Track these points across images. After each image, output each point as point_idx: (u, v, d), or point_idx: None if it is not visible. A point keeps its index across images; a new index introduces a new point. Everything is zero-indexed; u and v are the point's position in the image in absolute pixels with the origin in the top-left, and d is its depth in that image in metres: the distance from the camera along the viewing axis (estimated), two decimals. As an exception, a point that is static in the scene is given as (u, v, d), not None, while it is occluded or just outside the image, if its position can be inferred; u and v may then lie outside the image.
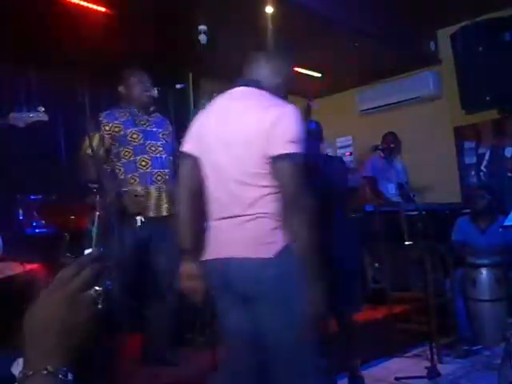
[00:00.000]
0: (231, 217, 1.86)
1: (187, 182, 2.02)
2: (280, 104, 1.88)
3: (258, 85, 1.96)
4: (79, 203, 3.74)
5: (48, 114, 2.94)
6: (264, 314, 1.80)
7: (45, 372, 0.65)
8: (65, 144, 4.70)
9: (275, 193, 1.81)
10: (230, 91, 2.01)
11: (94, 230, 0.80)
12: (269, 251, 1.78)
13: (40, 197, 3.91)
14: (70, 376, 0.67)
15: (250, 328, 1.86)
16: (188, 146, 2.03)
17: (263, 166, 1.80)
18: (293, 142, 1.77)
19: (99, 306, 0.71)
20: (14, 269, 3.08)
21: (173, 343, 3.16)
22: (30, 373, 0.65)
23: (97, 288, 0.71)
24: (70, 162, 4.62)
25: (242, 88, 1.99)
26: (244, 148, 1.82)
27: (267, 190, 1.81)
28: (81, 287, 0.71)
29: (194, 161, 1.98)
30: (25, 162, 4.28)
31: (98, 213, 0.79)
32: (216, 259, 1.90)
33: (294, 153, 1.76)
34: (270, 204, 1.82)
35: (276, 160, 1.77)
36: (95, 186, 2.71)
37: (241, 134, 1.84)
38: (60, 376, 0.65)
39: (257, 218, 1.81)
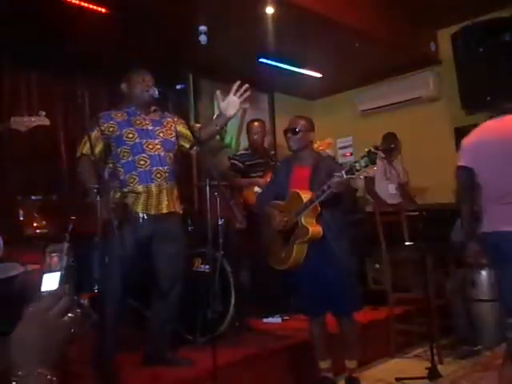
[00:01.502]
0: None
1: (467, 184, 2.94)
2: None
3: None
4: (80, 204, 3.75)
5: (48, 115, 2.95)
6: None
7: (36, 374, 0.85)
8: (65, 144, 4.69)
9: None
10: (501, 118, 2.89)
11: (63, 267, 1.01)
12: None
13: (40, 197, 3.91)
14: (54, 378, 0.86)
15: None
16: (465, 159, 2.93)
17: None
18: None
19: (72, 330, 0.92)
20: (15, 269, 3.08)
21: (174, 344, 3.16)
22: (25, 374, 0.84)
23: (70, 314, 0.92)
24: (70, 163, 4.63)
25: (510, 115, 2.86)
26: None
27: None
28: (59, 314, 0.91)
29: (470, 170, 2.88)
30: (25, 163, 4.28)
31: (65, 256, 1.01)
32: (504, 232, 2.72)
33: None
34: None
35: None
36: (96, 186, 2.71)
37: None
38: (48, 377, 0.85)
39: None
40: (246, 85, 2.98)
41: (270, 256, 3.22)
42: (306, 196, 2.97)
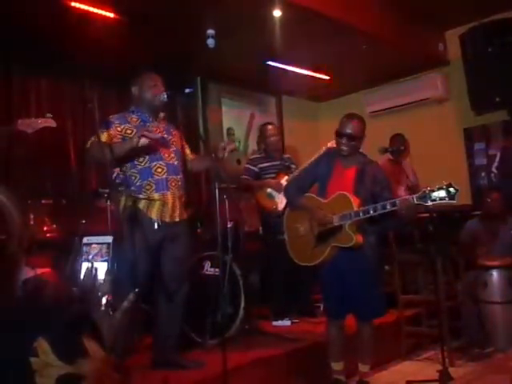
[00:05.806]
0: None
1: None
2: None
3: None
4: (90, 208, 3.76)
5: (58, 119, 2.96)
6: None
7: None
8: (74, 148, 4.72)
9: None
10: None
11: (109, 258, 0.95)
12: None
13: (50, 201, 3.93)
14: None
15: None
16: None
17: None
18: None
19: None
20: (25, 273, 3.09)
21: (183, 346, 3.16)
22: None
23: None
24: (80, 167, 4.65)
25: None
26: None
27: None
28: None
29: None
30: (35, 167, 4.30)
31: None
32: None
33: None
34: None
35: None
36: (106, 191, 2.72)
37: None
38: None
39: None
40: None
41: (293, 248, 3.15)
42: (355, 203, 2.86)
